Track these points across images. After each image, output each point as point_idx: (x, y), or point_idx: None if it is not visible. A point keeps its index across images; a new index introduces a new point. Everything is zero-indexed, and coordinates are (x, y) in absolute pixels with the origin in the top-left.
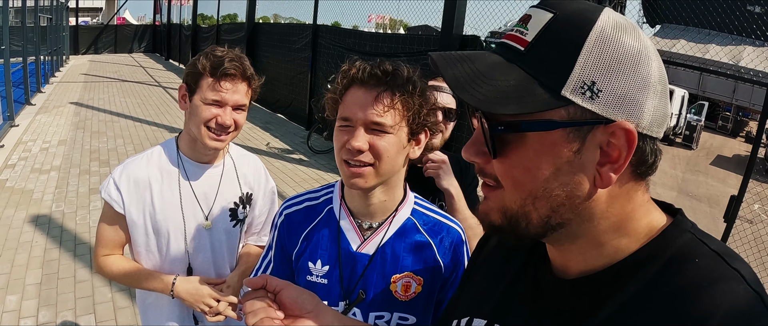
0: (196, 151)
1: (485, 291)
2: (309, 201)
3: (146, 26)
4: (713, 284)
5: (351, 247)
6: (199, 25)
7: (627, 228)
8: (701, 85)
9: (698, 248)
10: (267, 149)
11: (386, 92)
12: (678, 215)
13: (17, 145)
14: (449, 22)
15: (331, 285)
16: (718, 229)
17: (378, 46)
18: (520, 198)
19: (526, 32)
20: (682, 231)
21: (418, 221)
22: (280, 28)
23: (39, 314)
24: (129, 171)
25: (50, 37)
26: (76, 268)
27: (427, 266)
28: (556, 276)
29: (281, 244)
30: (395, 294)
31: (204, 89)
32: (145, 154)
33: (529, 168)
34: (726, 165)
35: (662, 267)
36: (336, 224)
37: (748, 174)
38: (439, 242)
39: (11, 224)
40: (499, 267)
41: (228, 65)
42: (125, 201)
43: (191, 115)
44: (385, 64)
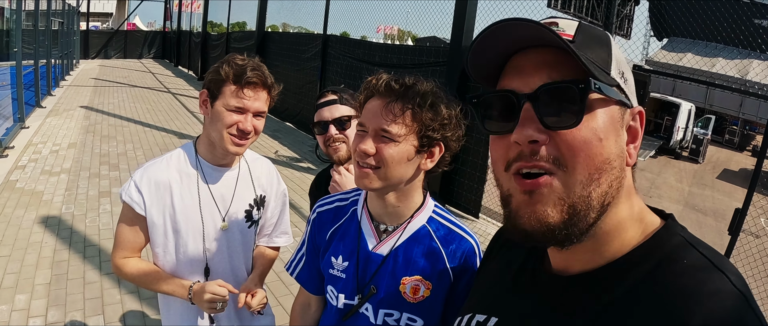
0: (214, 155)
1: (488, 290)
2: (339, 201)
3: (156, 32)
4: (700, 285)
5: (368, 247)
6: (208, 32)
7: (628, 225)
8: (708, 99)
9: (687, 251)
10: (275, 157)
11: (396, 103)
12: (669, 219)
13: (27, 146)
14: (458, 34)
15: (348, 279)
16: (724, 244)
17: (387, 57)
18: (587, 173)
19: (564, 29)
20: (672, 234)
21: (432, 229)
22: (290, 38)
23: (48, 313)
24: (150, 174)
25: (61, 41)
26: (86, 269)
27: (437, 272)
28: (553, 274)
29: (312, 239)
30: (404, 295)
31: (227, 96)
32: (165, 157)
33: (601, 138)
34: (733, 179)
35: (653, 267)
36: (357, 224)
37: (752, 187)
38: (449, 251)
39: (21, 224)
40: (502, 267)
41: (251, 74)
42: (146, 203)
43: (213, 120)
44: (404, 78)
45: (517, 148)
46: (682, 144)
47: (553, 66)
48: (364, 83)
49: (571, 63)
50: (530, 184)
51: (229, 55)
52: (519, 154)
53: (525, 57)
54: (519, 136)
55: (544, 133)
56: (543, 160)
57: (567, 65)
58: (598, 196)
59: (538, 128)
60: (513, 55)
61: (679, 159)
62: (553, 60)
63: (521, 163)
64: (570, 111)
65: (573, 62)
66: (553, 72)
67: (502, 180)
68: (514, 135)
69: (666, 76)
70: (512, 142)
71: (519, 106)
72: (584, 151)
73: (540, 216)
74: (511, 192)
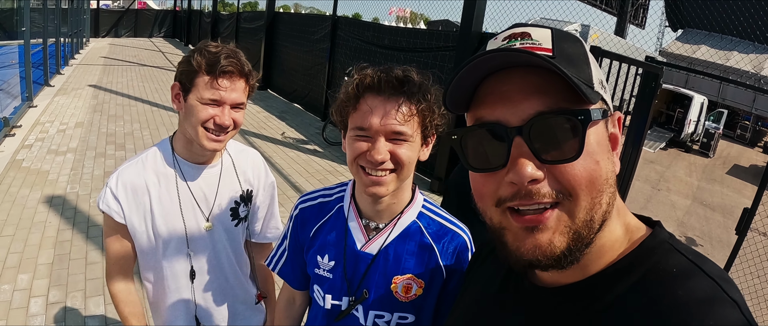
0: (192, 152)
1: (472, 302)
2: (323, 197)
3: (167, 11)
4: (691, 293)
5: (356, 246)
6: (219, 11)
7: (614, 232)
8: (721, 93)
9: (675, 258)
10: (282, 138)
11: (405, 102)
12: (656, 226)
13: (35, 125)
14: (468, 19)
15: (336, 279)
16: (732, 241)
17: (396, 41)
18: (590, 199)
19: (539, 42)
20: (660, 242)
21: (423, 224)
22: (300, 19)
23: (49, 294)
24: (125, 178)
25: (71, 20)
26: (88, 250)
27: (429, 269)
28: (540, 285)
29: (295, 235)
30: (396, 295)
31: (200, 88)
32: (139, 158)
33: (598, 161)
34: (742, 175)
35: (641, 276)
36: (344, 222)
37: (762, 186)
38: (442, 247)
39: (26, 204)
40: (487, 277)
41: (225, 62)
42: (125, 210)
43: (187, 115)
44: (396, 71)
45: (511, 187)
46: (693, 137)
47: (541, 91)
48: (352, 80)
49: (559, 83)
50: (532, 221)
51: (201, 42)
52: (515, 194)
53: (507, 80)
54: (516, 176)
55: (542, 169)
56: (546, 196)
57: (555, 87)
58: (599, 217)
59: (535, 165)
60: (487, 77)
61: (690, 152)
62: (539, 83)
63: (519, 203)
64: (570, 143)
65: (560, 81)
66: (544, 98)
67: (492, 213)
68: (510, 175)
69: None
70: (507, 182)
71: (508, 140)
72: (586, 178)
73: (544, 247)
74: (504, 226)
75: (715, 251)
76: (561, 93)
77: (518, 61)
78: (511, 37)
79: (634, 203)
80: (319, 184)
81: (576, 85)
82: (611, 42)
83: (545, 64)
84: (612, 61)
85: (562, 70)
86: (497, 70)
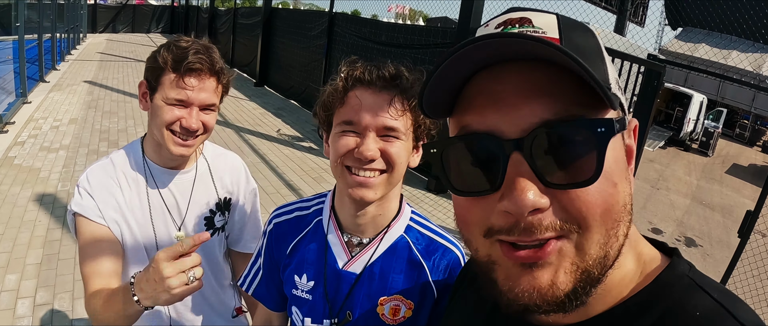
0: (162, 156)
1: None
2: (299, 210)
3: (165, 7)
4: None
5: (337, 264)
6: (217, 7)
7: (625, 263)
8: (720, 91)
9: (698, 298)
10: (278, 136)
11: (398, 96)
12: (674, 256)
13: (28, 122)
14: (466, 16)
15: (316, 301)
16: (732, 242)
17: (394, 37)
18: (605, 231)
19: (543, 30)
20: (679, 277)
21: (411, 239)
22: (297, 15)
23: (37, 295)
24: (94, 179)
25: (68, 15)
26: (77, 250)
27: (419, 289)
28: (532, 323)
29: (270, 252)
30: (382, 317)
31: (166, 87)
32: (110, 157)
33: (616, 184)
34: (741, 174)
35: (658, 318)
36: (323, 238)
37: (766, 189)
38: (432, 264)
39: (16, 202)
40: (476, 303)
41: (193, 58)
42: (102, 209)
43: (152, 116)
44: (388, 65)
45: (506, 217)
46: (692, 136)
47: (546, 92)
48: (340, 73)
49: (569, 83)
50: (531, 256)
51: (173, 36)
52: (511, 227)
53: (502, 78)
54: (512, 205)
55: (546, 194)
56: (549, 229)
57: (563, 88)
58: (614, 253)
59: (538, 190)
60: (476, 73)
61: (689, 151)
62: (543, 82)
63: (515, 238)
64: (584, 162)
65: (570, 81)
66: (550, 102)
67: (478, 244)
68: (506, 203)
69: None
70: (501, 210)
71: (503, 156)
72: (602, 207)
73: (544, 288)
74: (494, 259)
75: (714, 251)
76: (571, 95)
77: (517, 51)
78: (507, 23)
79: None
80: (314, 182)
81: (598, 85)
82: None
83: (557, 56)
84: (613, 59)
85: (584, 65)
86: (489, 64)
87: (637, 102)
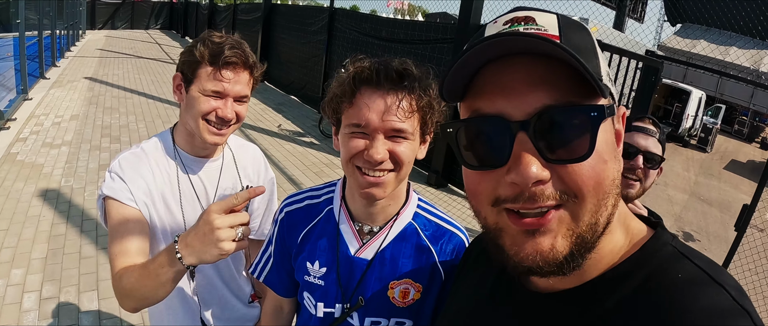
0: (193, 145)
1: (461, 309)
2: (310, 199)
3: (164, 3)
4: (696, 301)
5: (349, 251)
6: (216, 3)
7: (615, 234)
8: (719, 88)
9: (681, 262)
10: (278, 131)
11: (406, 97)
12: (659, 227)
13: (30, 118)
14: (467, 11)
15: (328, 287)
16: (729, 237)
17: (394, 33)
18: (596, 200)
19: (545, 28)
20: (663, 244)
21: (419, 225)
22: (297, 10)
23: (43, 288)
24: (126, 164)
25: (67, 12)
26: (82, 244)
27: (427, 273)
28: (534, 291)
29: (281, 240)
30: (393, 301)
31: (203, 79)
32: (139, 147)
33: (606, 161)
34: (740, 170)
35: (643, 281)
36: (335, 226)
37: (762, 183)
38: (440, 248)
39: (20, 198)
40: (476, 282)
41: (229, 53)
42: (133, 191)
43: (188, 107)
44: (395, 64)
45: (513, 188)
46: (690, 132)
47: (548, 82)
48: (346, 73)
49: (566, 75)
50: (534, 223)
51: (205, 32)
52: (517, 196)
53: (509, 69)
54: (518, 177)
55: (547, 168)
56: (549, 199)
57: (562, 78)
58: (604, 220)
59: (540, 164)
60: (486, 64)
61: (687, 147)
62: (544, 73)
63: (520, 205)
64: (579, 141)
65: (567, 73)
66: (551, 91)
67: (486, 213)
68: (512, 175)
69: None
70: (508, 182)
71: (510, 136)
72: (594, 179)
73: (546, 252)
74: (502, 227)
75: (712, 246)
76: (569, 85)
77: (524, 47)
78: (514, 21)
79: None
80: (316, 177)
81: (592, 77)
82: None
83: (557, 52)
84: (612, 55)
85: (580, 61)
86: (498, 57)
87: (635, 97)
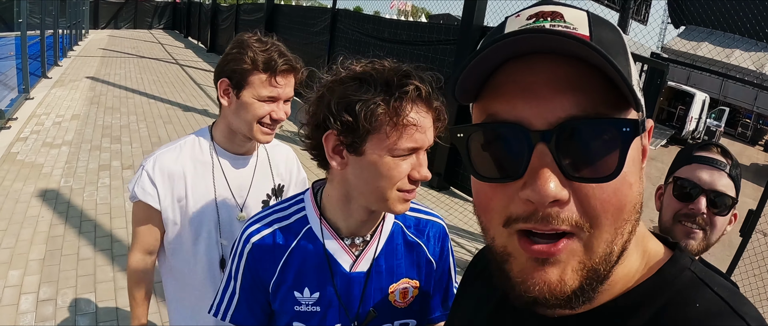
0: (233, 143)
1: (467, 318)
2: (278, 222)
3: (167, 3)
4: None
5: (343, 268)
6: (219, 4)
7: (631, 258)
8: (723, 90)
9: (700, 290)
10: (280, 131)
11: (436, 112)
12: (677, 250)
13: (31, 118)
14: (470, 13)
15: (326, 311)
16: (733, 241)
17: (397, 34)
18: (613, 229)
19: (574, 26)
20: (681, 269)
21: (402, 223)
22: (299, 11)
23: (40, 290)
24: (162, 163)
25: (70, 11)
26: (80, 245)
27: (421, 266)
28: (537, 313)
29: (252, 273)
30: (394, 304)
31: (256, 86)
32: (178, 143)
33: (631, 184)
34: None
35: (658, 310)
36: (320, 246)
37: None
38: (426, 239)
39: (19, 198)
40: (483, 295)
41: (280, 61)
42: (161, 195)
43: (240, 110)
44: (422, 75)
45: (527, 206)
46: (694, 134)
47: (574, 87)
48: (409, 88)
49: (596, 80)
50: (544, 251)
51: (241, 35)
52: (531, 215)
53: (532, 69)
54: (535, 194)
55: (567, 187)
56: (564, 223)
57: (590, 84)
58: (619, 249)
59: (559, 182)
60: (505, 62)
61: None
62: (571, 76)
63: (532, 226)
64: (606, 159)
65: (597, 77)
66: (578, 98)
67: (496, 234)
68: (528, 191)
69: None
70: (522, 198)
71: (529, 146)
72: (616, 205)
73: (554, 285)
74: (510, 251)
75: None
76: (598, 93)
77: (551, 46)
78: (540, 16)
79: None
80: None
81: (627, 85)
82: None
83: (590, 54)
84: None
85: (615, 65)
86: (521, 55)
87: None
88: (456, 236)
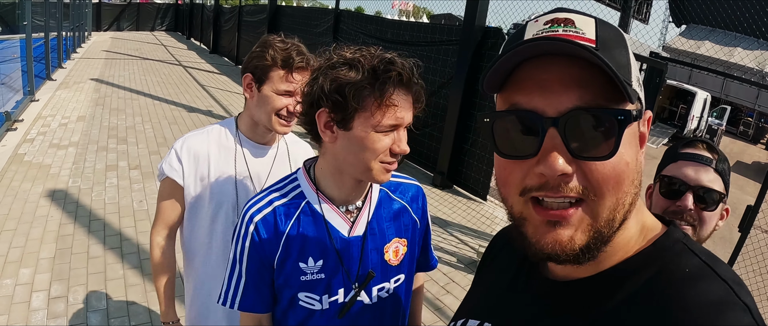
0: (256, 133)
1: (483, 294)
2: (276, 200)
3: (169, 5)
4: (701, 295)
5: (342, 234)
6: (221, 5)
7: (630, 229)
8: (724, 89)
9: (688, 258)
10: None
11: (417, 93)
12: (671, 225)
13: (36, 119)
14: (472, 13)
15: (330, 277)
16: (734, 239)
17: (399, 34)
18: (615, 199)
19: (583, 31)
20: (674, 242)
21: (388, 189)
22: (302, 12)
23: (51, 288)
24: (190, 144)
25: (73, 13)
26: (90, 244)
27: (407, 226)
28: (551, 279)
29: (257, 253)
30: (389, 262)
31: (275, 81)
32: (206, 129)
33: (628, 162)
34: (745, 172)
35: (652, 275)
36: (319, 217)
37: (765, 184)
38: (409, 200)
39: (27, 198)
40: (499, 271)
41: (298, 58)
42: (185, 172)
43: (260, 103)
44: (405, 62)
45: (540, 178)
46: (695, 133)
47: (581, 84)
48: (392, 73)
49: (599, 77)
50: (556, 216)
51: (266, 36)
52: (542, 185)
53: (547, 68)
54: (547, 168)
55: (573, 163)
56: (572, 191)
57: (595, 81)
58: (621, 216)
59: (566, 159)
60: (525, 61)
61: None
62: (579, 74)
63: (544, 194)
64: (604, 142)
65: (600, 75)
66: (583, 92)
67: (513, 202)
68: (541, 166)
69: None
70: (536, 172)
71: (542, 130)
72: (614, 179)
73: (564, 243)
74: (526, 216)
75: (716, 247)
76: (600, 88)
77: (562, 50)
78: (554, 22)
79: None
80: None
81: (622, 84)
82: None
83: (594, 59)
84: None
85: (611, 68)
86: (538, 55)
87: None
88: (459, 233)
